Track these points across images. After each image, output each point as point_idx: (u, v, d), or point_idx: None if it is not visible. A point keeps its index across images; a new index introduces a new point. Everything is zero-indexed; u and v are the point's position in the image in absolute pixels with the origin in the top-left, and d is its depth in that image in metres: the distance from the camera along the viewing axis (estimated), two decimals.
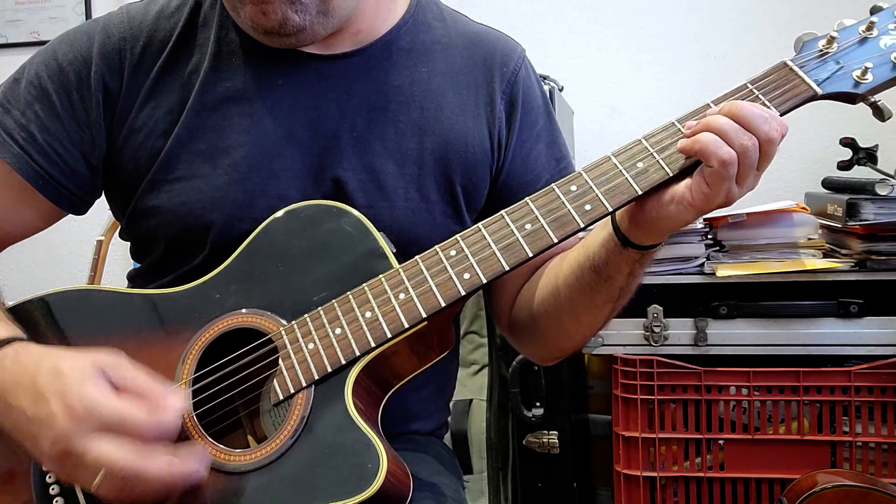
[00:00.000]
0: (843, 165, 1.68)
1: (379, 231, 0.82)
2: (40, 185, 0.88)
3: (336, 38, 0.90)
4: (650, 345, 1.58)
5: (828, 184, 1.77)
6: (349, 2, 0.86)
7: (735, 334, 1.55)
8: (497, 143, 0.94)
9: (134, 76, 0.89)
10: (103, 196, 0.97)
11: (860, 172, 1.66)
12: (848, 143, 1.67)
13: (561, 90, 1.89)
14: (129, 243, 0.99)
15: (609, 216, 0.79)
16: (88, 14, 2.48)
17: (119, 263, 2.30)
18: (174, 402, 0.72)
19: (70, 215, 0.94)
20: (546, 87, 1.01)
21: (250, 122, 0.88)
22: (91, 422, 0.68)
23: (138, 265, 0.98)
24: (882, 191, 1.51)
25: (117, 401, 0.70)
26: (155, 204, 0.88)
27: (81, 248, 2.41)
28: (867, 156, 1.65)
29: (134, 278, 0.98)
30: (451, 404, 1.08)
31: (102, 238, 2.06)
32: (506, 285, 0.97)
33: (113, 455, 0.68)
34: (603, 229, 0.82)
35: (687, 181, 0.74)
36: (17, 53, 2.50)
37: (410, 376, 0.83)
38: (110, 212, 0.98)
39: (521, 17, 2.21)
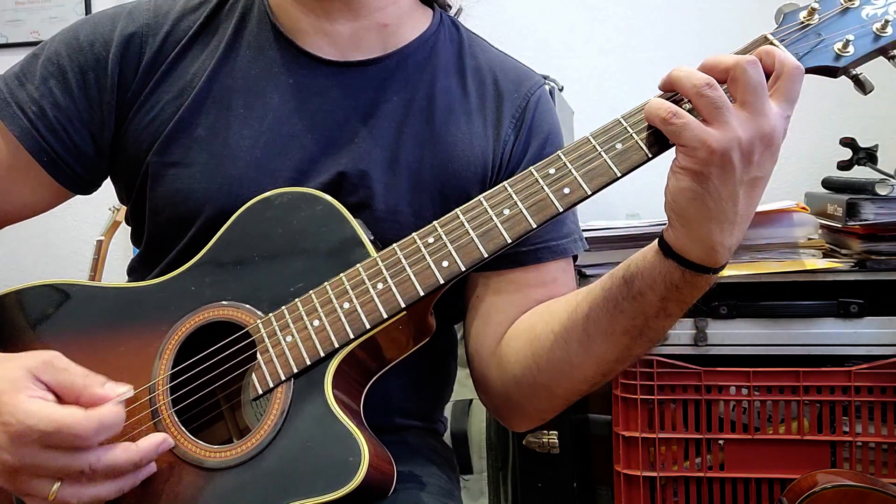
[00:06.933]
0: (843, 165, 1.67)
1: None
2: (45, 161, 0.88)
3: (361, 31, 0.91)
4: None
5: (828, 184, 1.76)
6: None
7: (735, 334, 1.54)
8: (500, 166, 0.93)
9: (151, 63, 0.89)
10: (102, 196, 0.97)
11: (860, 172, 1.66)
12: (848, 143, 1.67)
13: (561, 90, 1.89)
14: (130, 230, 0.99)
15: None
16: (88, 14, 2.48)
17: (119, 263, 2.30)
18: (111, 392, 0.70)
19: (70, 215, 0.94)
20: (546, 87, 1.00)
21: (254, 116, 0.88)
22: (30, 435, 0.66)
23: (138, 251, 0.97)
24: (882, 191, 1.51)
25: (52, 408, 0.68)
26: (151, 188, 0.88)
27: (81, 248, 2.40)
28: (867, 156, 1.65)
29: (131, 271, 0.98)
30: (450, 404, 1.08)
31: (102, 238, 2.06)
32: (492, 314, 0.91)
33: (71, 461, 0.67)
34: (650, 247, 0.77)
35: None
36: (18, 53, 2.49)
37: (391, 365, 0.82)
38: (110, 211, 0.98)
39: (522, 16, 2.21)
